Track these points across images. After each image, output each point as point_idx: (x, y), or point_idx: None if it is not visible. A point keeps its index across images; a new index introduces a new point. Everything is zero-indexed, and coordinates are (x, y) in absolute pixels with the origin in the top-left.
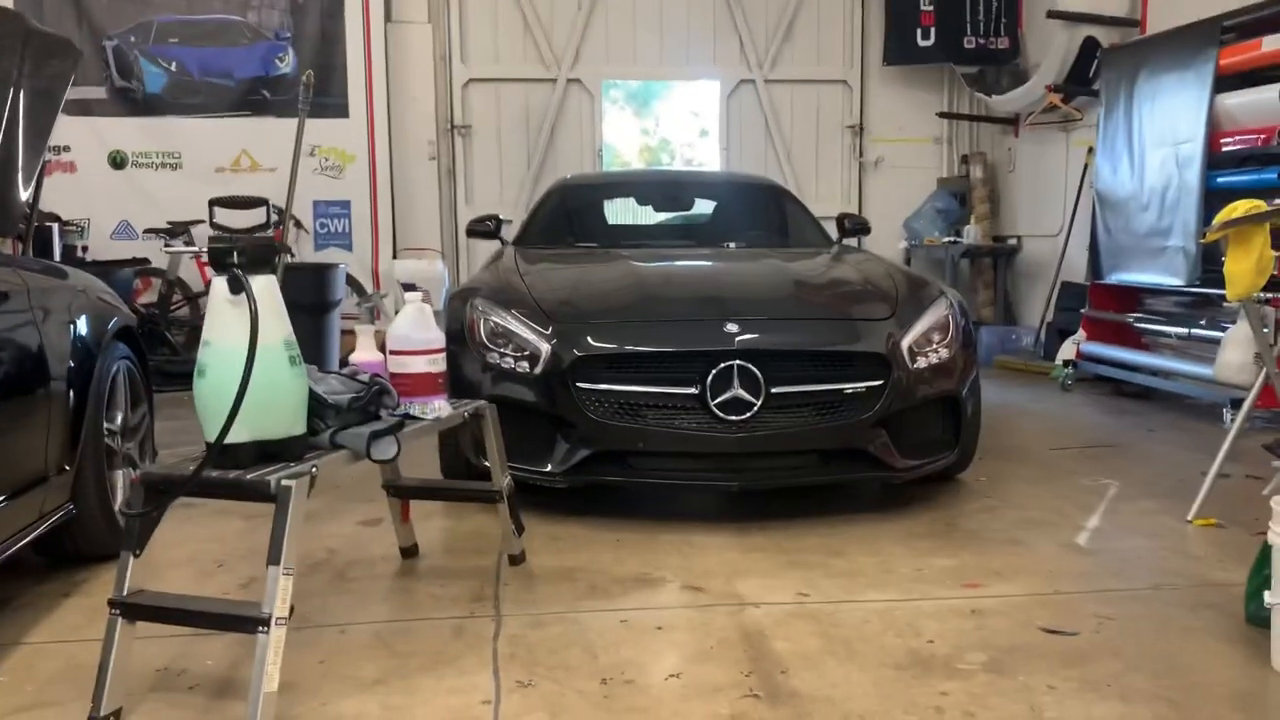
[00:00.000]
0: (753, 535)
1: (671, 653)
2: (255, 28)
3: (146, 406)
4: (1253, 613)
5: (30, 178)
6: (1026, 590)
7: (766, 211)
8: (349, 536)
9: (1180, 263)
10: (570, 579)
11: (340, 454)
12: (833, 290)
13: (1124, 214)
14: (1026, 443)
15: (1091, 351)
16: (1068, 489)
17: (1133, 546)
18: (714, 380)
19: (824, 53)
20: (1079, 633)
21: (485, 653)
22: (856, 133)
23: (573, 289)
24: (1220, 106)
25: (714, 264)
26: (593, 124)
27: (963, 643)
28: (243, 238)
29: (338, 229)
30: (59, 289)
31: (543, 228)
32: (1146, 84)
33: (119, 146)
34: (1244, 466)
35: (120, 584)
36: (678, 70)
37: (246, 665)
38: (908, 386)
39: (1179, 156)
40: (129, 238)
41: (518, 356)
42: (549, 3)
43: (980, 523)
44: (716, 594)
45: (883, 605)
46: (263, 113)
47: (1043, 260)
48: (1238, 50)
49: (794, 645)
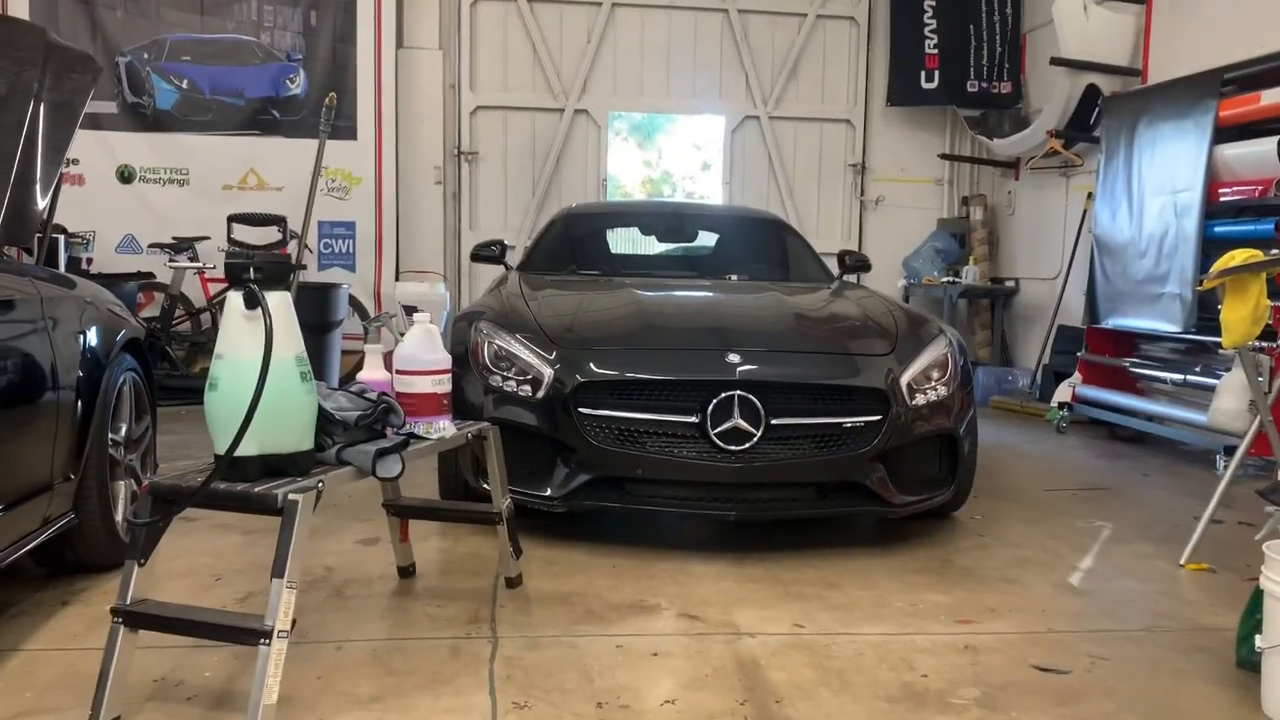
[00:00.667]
0: (749, 565)
1: (667, 679)
2: (267, 48)
3: (150, 419)
4: (1244, 657)
5: (47, 189)
6: (1020, 628)
7: (769, 245)
8: (347, 554)
9: (1176, 309)
10: (567, 603)
11: (345, 470)
12: (833, 325)
13: (1122, 259)
14: (1021, 483)
15: (1087, 395)
16: (1062, 529)
17: (1126, 588)
18: (714, 410)
19: (828, 91)
20: (1071, 671)
21: (482, 674)
22: (858, 171)
23: (576, 315)
24: (1219, 157)
25: (716, 295)
26: (598, 154)
27: (956, 678)
28: (260, 253)
29: (342, 249)
30: (69, 299)
31: (547, 254)
32: (1147, 132)
33: (127, 161)
34: (1236, 513)
35: (124, 592)
36: (684, 104)
37: (244, 677)
38: (906, 423)
39: (1177, 205)
40: (134, 251)
41: (520, 380)
42: (558, 34)
43: (974, 560)
44: (712, 622)
45: (877, 639)
46: (272, 132)
47: (1040, 303)
48: (1237, 103)
49: (789, 675)
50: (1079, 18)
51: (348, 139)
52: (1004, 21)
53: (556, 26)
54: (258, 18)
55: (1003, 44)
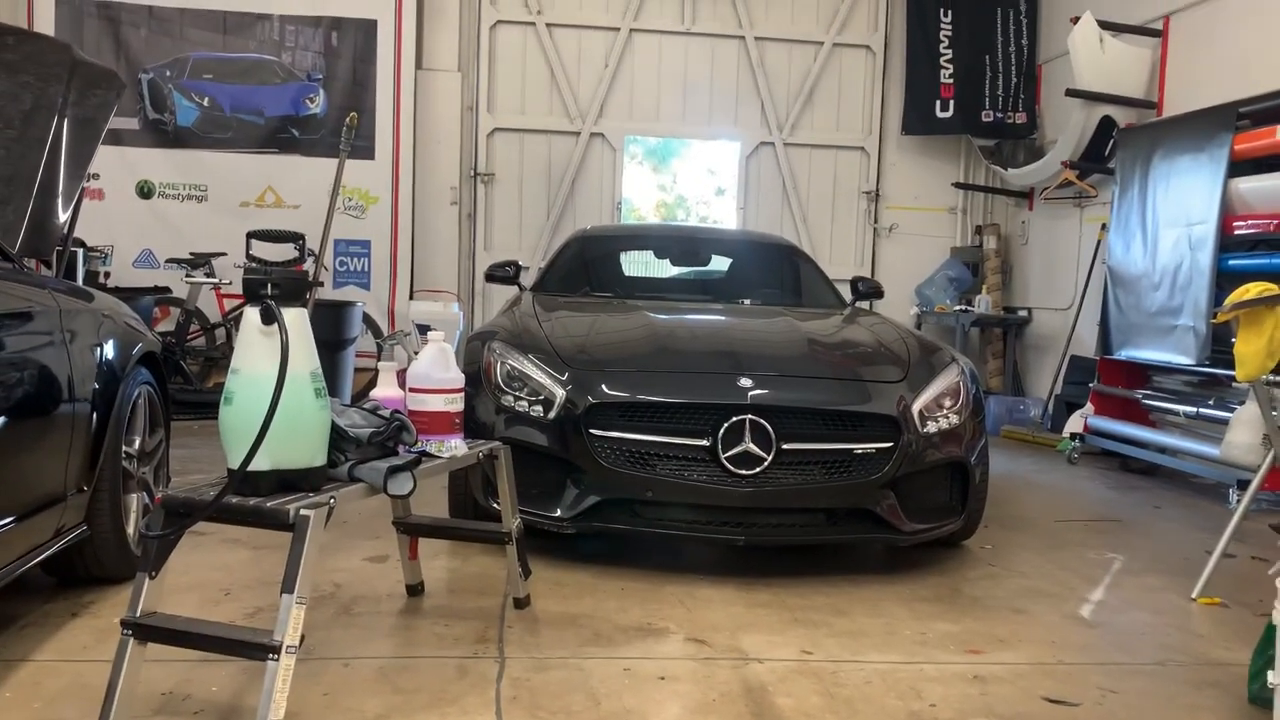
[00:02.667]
0: (758, 591)
1: (674, 703)
2: (288, 68)
3: (164, 432)
4: (1255, 693)
5: (68, 203)
6: (1030, 659)
7: (782, 271)
8: (355, 571)
9: (1190, 342)
10: (574, 624)
11: (357, 487)
12: (845, 351)
13: (1135, 291)
14: (1032, 513)
15: (1099, 426)
16: (1072, 561)
17: (1137, 621)
18: (726, 434)
19: (844, 119)
20: (1081, 704)
21: (488, 693)
22: (872, 198)
23: (589, 337)
24: (1233, 190)
25: (729, 319)
26: (613, 177)
27: (965, 708)
28: (277, 270)
29: (357, 268)
30: (86, 312)
31: (561, 276)
32: (1161, 165)
33: (147, 176)
34: (1249, 547)
35: (134, 605)
36: (700, 129)
37: (251, 693)
38: (917, 450)
39: (1191, 237)
40: (151, 266)
41: (532, 400)
42: (576, 58)
43: (984, 590)
44: (720, 647)
45: (886, 667)
46: (290, 151)
47: (1052, 333)
48: (1252, 137)
49: (796, 702)
50: (1095, 50)
51: (365, 158)
52: (1020, 52)
53: (575, 51)
54: (279, 38)
55: (1018, 75)
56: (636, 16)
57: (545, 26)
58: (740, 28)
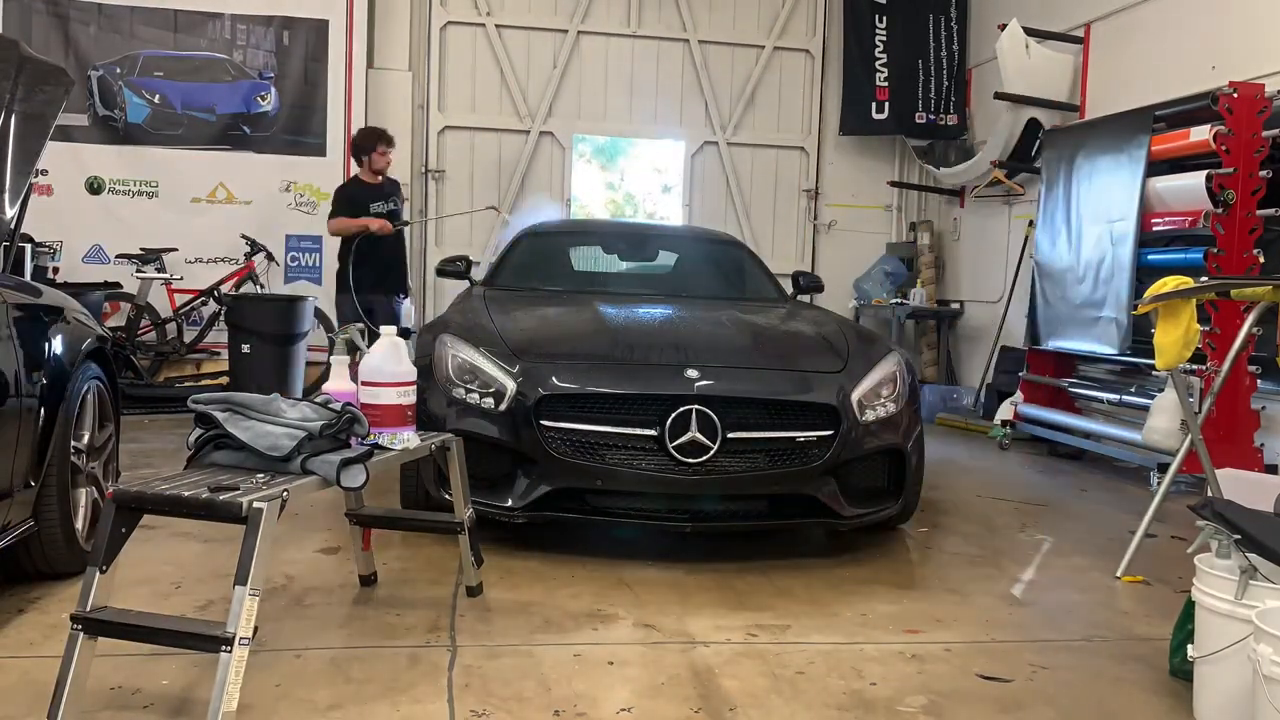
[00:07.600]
0: (704, 575)
1: (623, 687)
2: (240, 66)
3: (113, 427)
4: (1177, 666)
5: (15, 198)
6: (965, 638)
7: (726, 265)
8: (308, 563)
9: (1113, 332)
10: (525, 612)
11: (310, 479)
12: (788, 342)
13: (1061, 285)
14: (965, 497)
15: (1028, 413)
16: (1004, 543)
17: (1065, 600)
18: (673, 423)
19: (784, 120)
20: (1014, 680)
21: (440, 682)
22: (812, 196)
23: (539, 330)
24: (1151, 189)
25: (676, 312)
26: (562, 174)
27: (904, 686)
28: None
29: (309, 263)
30: (34, 306)
31: (511, 271)
32: (1084, 165)
33: (97, 173)
34: (1170, 527)
35: (84, 599)
36: (646, 129)
37: (201, 685)
38: (856, 438)
39: (1113, 233)
40: (101, 262)
41: (483, 393)
42: (526, 59)
43: (921, 572)
44: (668, 631)
45: (827, 647)
46: (242, 148)
47: (983, 325)
48: (1168, 139)
49: (742, 684)
50: (1021, 55)
51: (316, 155)
52: (951, 57)
53: (524, 51)
54: (230, 36)
55: (949, 78)
56: (584, 19)
57: (495, 28)
58: (684, 31)
